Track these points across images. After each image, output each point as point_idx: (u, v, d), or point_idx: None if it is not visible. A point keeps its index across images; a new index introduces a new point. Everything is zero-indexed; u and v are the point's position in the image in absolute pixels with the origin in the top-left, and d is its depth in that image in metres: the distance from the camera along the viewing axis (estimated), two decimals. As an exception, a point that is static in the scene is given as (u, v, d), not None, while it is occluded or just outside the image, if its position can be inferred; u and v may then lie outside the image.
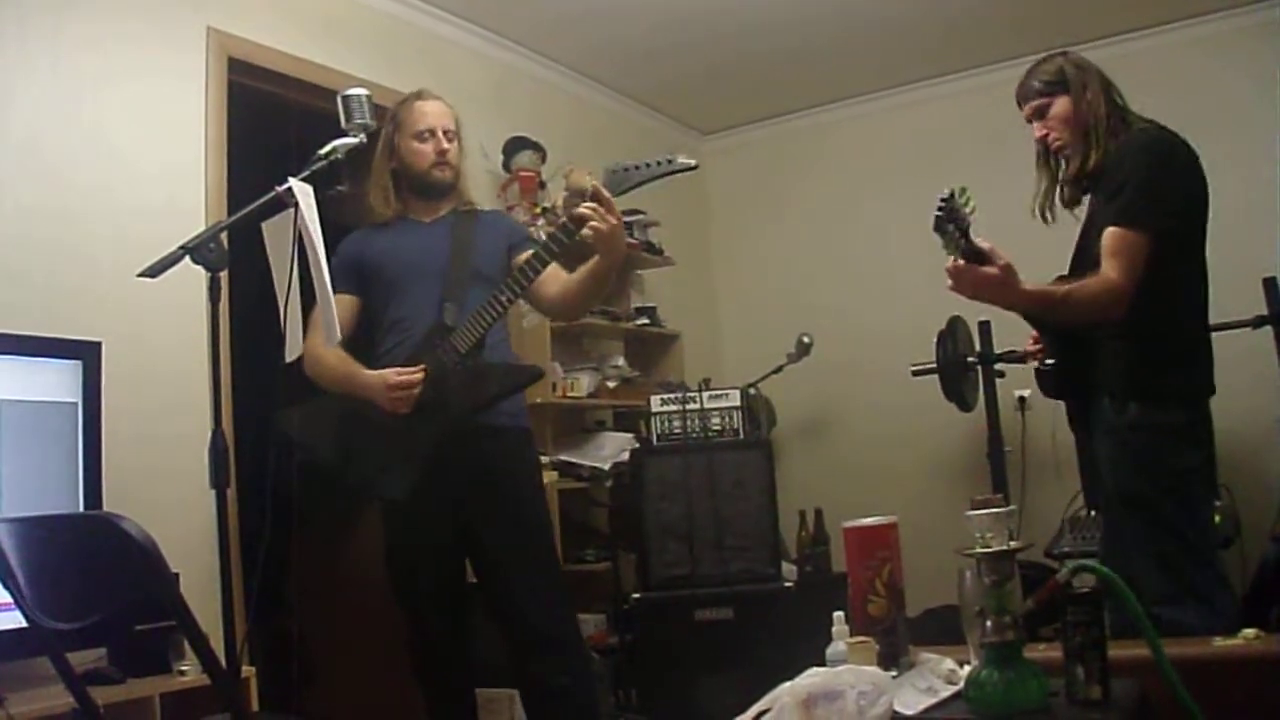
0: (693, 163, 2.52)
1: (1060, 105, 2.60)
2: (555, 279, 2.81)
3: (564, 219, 2.63)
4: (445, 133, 2.90)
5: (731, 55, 4.92)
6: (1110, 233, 2.42)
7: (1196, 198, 2.51)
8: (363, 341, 2.92)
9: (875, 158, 5.50)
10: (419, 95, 2.97)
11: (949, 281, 2.29)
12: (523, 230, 3.10)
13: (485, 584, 2.90)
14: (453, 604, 2.88)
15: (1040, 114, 2.65)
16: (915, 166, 5.07)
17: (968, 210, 2.13)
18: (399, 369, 2.71)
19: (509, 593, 2.81)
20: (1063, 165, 2.65)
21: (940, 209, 2.09)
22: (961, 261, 2.23)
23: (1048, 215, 2.70)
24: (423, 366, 2.71)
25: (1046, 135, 2.65)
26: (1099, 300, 2.39)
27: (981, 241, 2.23)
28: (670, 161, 2.52)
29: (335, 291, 2.89)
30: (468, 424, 2.72)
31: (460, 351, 2.71)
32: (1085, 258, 2.53)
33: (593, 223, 2.51)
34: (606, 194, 2.51)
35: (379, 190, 2.94)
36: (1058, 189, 2.68)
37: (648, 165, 2.53)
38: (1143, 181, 2.42)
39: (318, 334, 2.75)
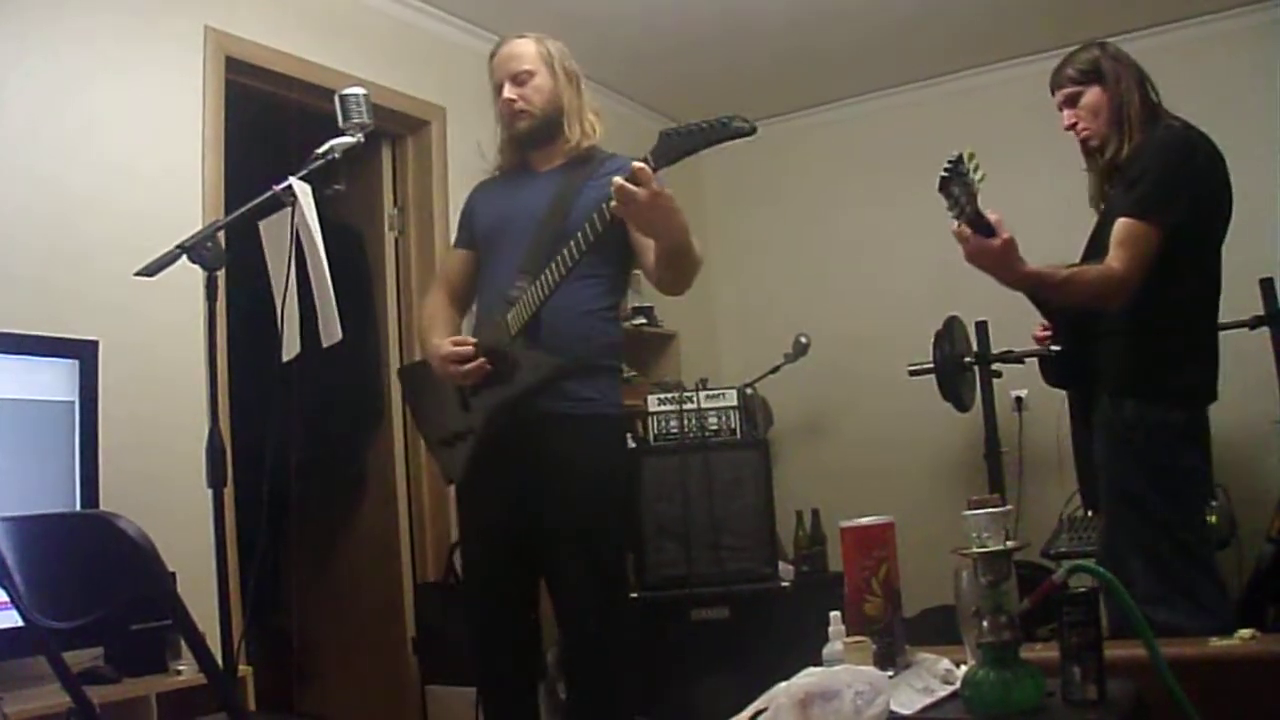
0: (750, 125, 2.20)
1: (1091, 95, 2.59)
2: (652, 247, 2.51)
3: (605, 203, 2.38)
4: (514, 78, 2.68)
5: (729, 58, 4.92)
6: (1121, 223, 2.41)
7: (1213, 198, 2.50)
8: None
9: (873, 158, 5.50)
10: (493, 52, 2.78)
11: (960, 243, 2.25)
12: None
13: (544, 575, 2.70)
14: (517, 600, 2.66)
15: (1071, 102, 2.64)
16: (913, 167, 5.01)
17: (976, 176, 2.10)
18: (456, 339, 2.60)
19: (561, 586, 2.62)
20: (1099, 158, 2.63)
21: (947, 170, 2.08)
22: (966, 229, 2.20)
23: (1100, 206, 2.67)
24: (474, 344, 2.55)
25: (1075, 124, 2.63)
26: (1097, 288, 2.39)
27: (990, 213, 2.19)
28: (725, 125, 2.21)
29: (454, 245, 2.89)
30: (524, 409, 2.54)
31: (511, 332, 2.52)
32: (1098, 246, 2.53)
33: (613, 204, 2.27)
34: (640, 165, 2.22)
35: (499, 147, 2.81)
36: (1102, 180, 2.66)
37: (701, 129, 2.22)
38: (1159, 175, 2.42)
39: (432, 293, 2.75)
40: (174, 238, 2.14)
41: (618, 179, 2.24)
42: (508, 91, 2.68)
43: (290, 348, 2.34)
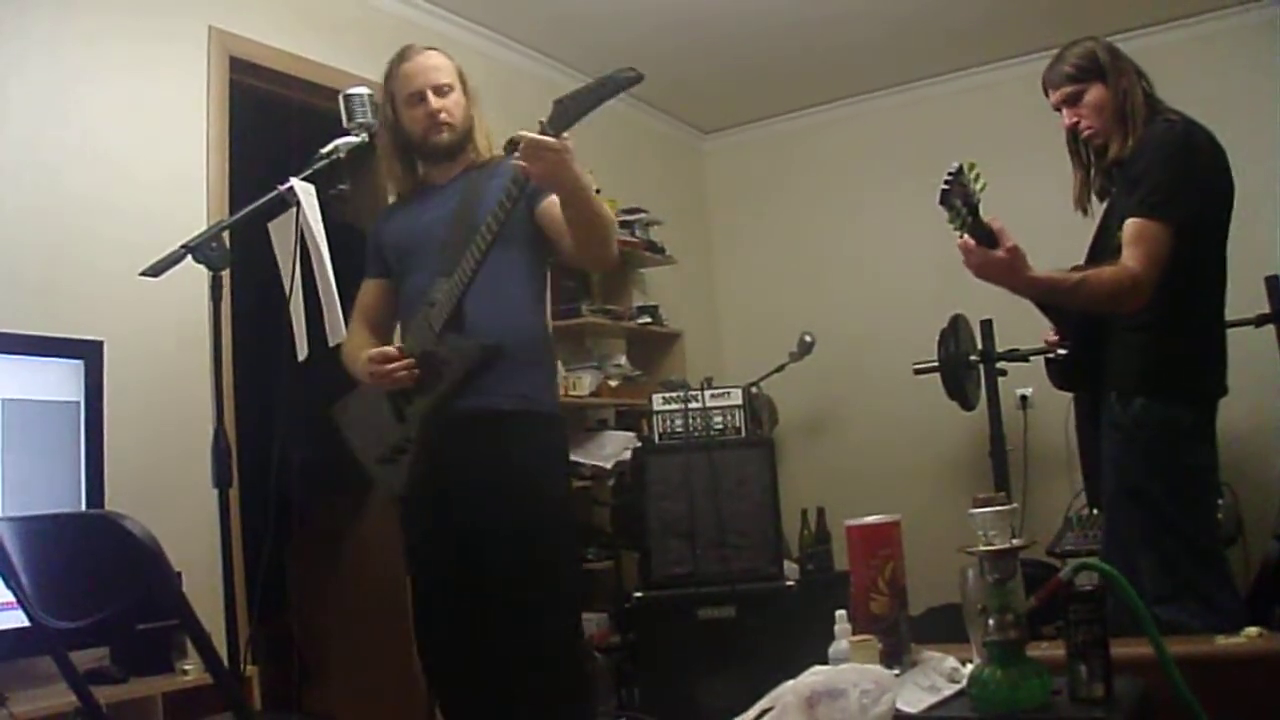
0: (636, 73, 2.20)
1: (1095, 93, 2.52)
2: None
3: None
4: (436, 89, 2.59)
5: (732, 56, 4.92)
6: (1131, 223, 2.36)
7: (1218, 192, 2.47)
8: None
9: (876, 156, 5.50)
10: (403, 56, 2.65)
11: (963, 257, 2.21)
12: None
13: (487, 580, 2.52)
14: (465, 614, 2.51)
15: (1071, 101, 2.56)
16: (916, 165, 5.05)
17: (976, 187, 2.07)
18: (382, 348, 2.53)
19: (498, 591, 2.46)
20: (1093, 155, 2.59)
21: (947, 182, 2.04)
22: (970, 240, 2.17)
23: (1086, 207, 2.64)
24: (400, 349, 2.50)
25: (1077, 123, 2.57)
26: (1115, 289, 2.34)
27: (992, 221, 2.17)
28: (613, 78, 2.21)
29: (366, 276, 2.76)
30: (455, 411, 2.47)
31: (435, 330, 2.46)
32: (1104, 248, 2.49)
33: (522, 164, 2.27)
34: (529, 136, 2.24)
35: (387, 166, 2.73)
36: (1091, 178, 2.61)
37: (591, 89, 2.24)
38: (1164, 172, 2.37)
39: (353, 327, 2.62)
40: (178, 238, 2.14)
41: (526, 133, 2.23)
42: (433, 101, 2.58)
43: (300, 348, 2.34)
